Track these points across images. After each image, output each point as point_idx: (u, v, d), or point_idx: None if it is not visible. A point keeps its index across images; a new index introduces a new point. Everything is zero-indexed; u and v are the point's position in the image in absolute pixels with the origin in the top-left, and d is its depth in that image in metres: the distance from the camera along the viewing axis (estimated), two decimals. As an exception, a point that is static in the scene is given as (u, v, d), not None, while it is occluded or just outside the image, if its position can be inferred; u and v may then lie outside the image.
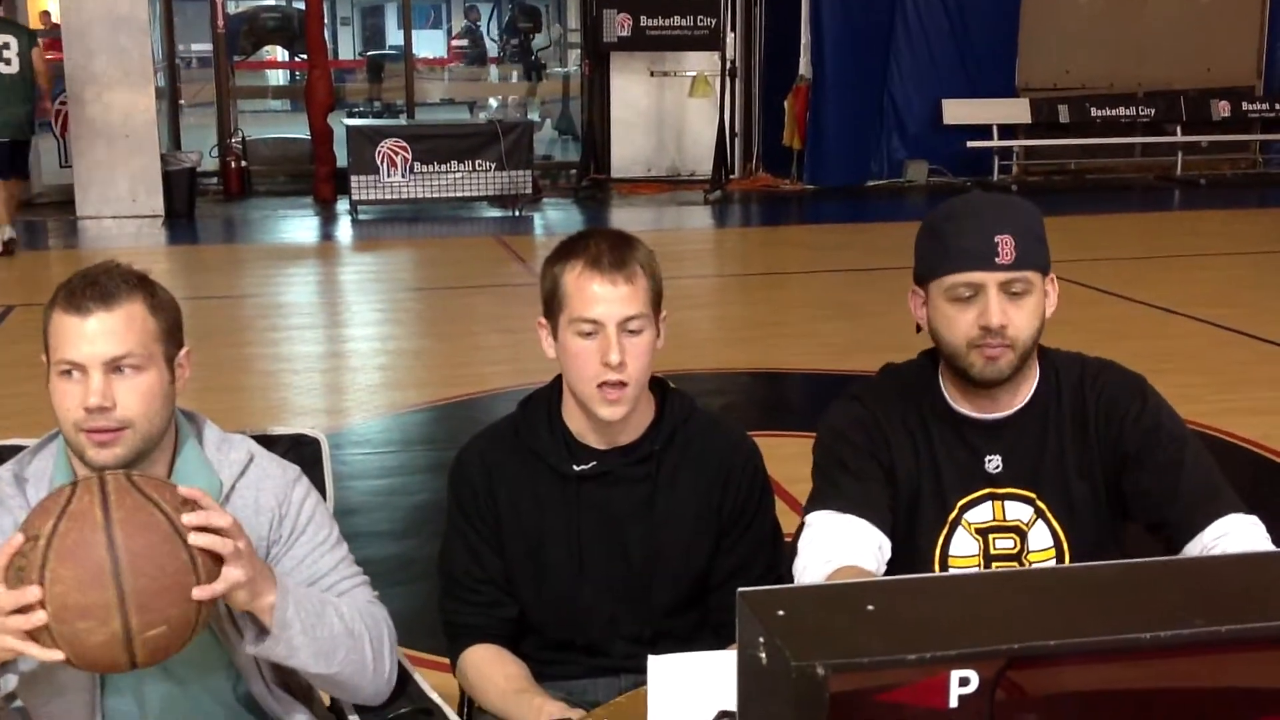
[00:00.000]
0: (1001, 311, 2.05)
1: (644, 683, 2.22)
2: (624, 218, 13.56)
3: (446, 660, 3.71)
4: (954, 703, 1.04)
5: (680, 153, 14.99)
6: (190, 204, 13.11)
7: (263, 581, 1.83)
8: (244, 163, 14.21)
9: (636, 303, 2.10)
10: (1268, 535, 2.06)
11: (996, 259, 2.04)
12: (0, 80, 10.34)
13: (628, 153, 14.81)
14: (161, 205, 12.86)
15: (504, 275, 10.21)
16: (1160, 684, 1.07)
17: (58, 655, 1.67)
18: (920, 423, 2.20)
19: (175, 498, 1.74)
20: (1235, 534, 2.02)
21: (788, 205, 14.34)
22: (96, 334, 1.91)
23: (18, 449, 2.15)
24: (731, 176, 14.53)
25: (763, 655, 1.09)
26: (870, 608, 1.11)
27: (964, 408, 2.18)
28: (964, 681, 1.03)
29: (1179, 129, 15.31)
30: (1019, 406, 2.17)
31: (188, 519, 1.70)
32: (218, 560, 1.74)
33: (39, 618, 1.65)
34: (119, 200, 12.88)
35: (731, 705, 1.74)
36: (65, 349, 1.91)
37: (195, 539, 1.70)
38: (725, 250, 12.23)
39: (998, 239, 2.05)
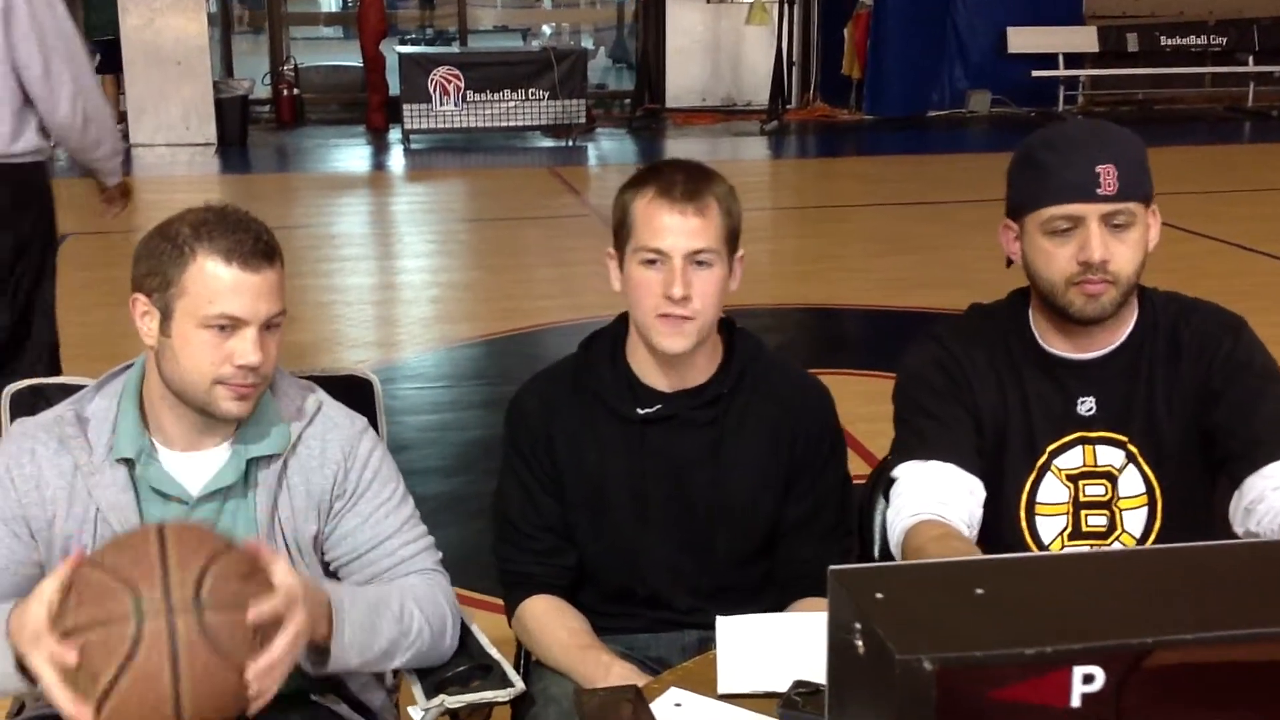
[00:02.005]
0: (1103, 245, 1.92)
1: (708, 639, 2.14)
2: (678, 148, 13.35)
3: (498, 601, 3.69)
4: (1076, 702, 0.93)
5: (736, 82, 14.75)
6: (243, 132, 13.04)
7: (319, 618, 1.75)
8: (296, 90, 14.11)
9: (707, 236, 1.99)
10: None
11: (1098, 190, 1.91)
12: None
13: (683, 82, 14.59)
14: (214, 133, 12.81)
15: (556, 207, 10.08)
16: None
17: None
18: (1008, 363, 2.07)
19: (242, 587, 1.61)
20: None
21: (846, 136, 14.08)
22: (262, 290, 1.83)
23: (70, 389, 2.07)
24: (788, 106, 14.28)
25: (859, 643, 0.98)
26: (979, 591, 1.00)
27: (1056, 347, 2.06)
28: (1088, 679, 0.93)
29: (1251, 59, 14.88)
30: (1114, 345, 2.05)
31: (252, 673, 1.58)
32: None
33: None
34: (172, 128, 12.84)
35: (804, 673, 1.65)
36: (225, 302, 1.81)
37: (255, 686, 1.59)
38: (781, 182, 12.02)
39: (1099, 169, 1.91)
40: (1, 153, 3.85)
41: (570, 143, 12.88)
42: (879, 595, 0.99)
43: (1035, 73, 14.14)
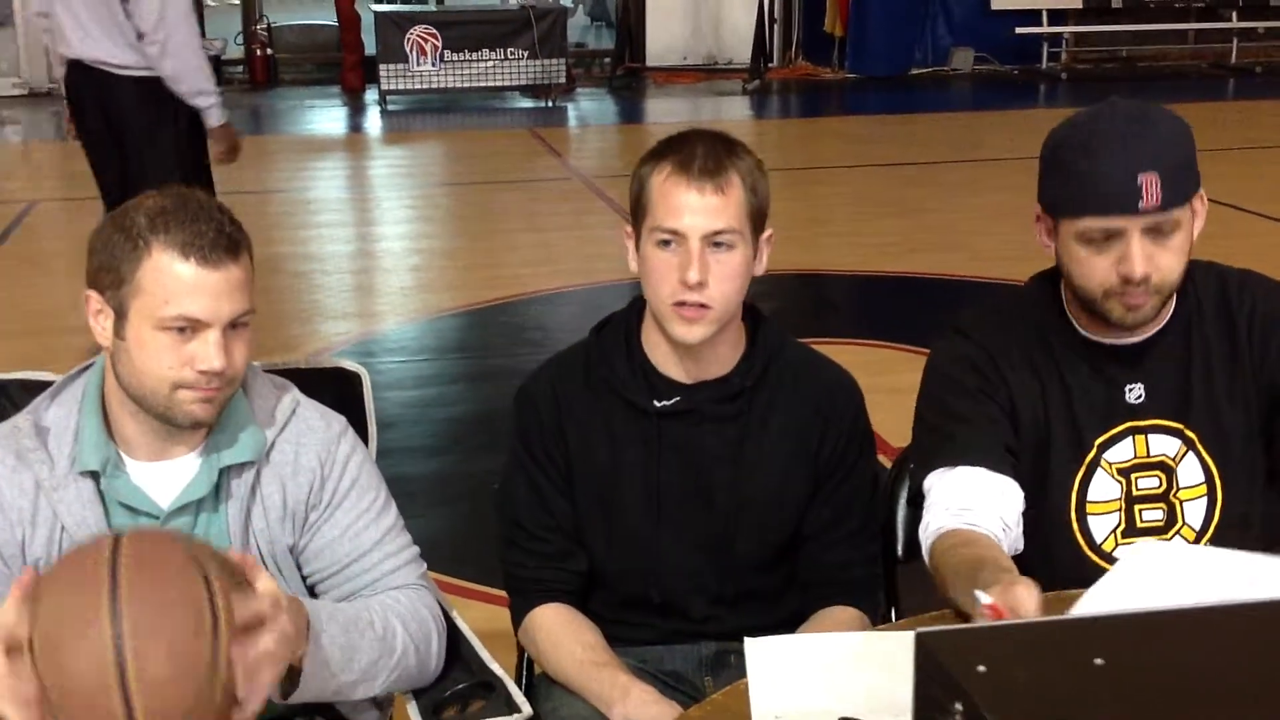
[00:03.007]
0: (1146, 259, 1.77)
1: (726, 651, 2.01)
2: (660, 108, 13.17)
3: (488, 590, 3.56)
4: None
5: (718, 40, 14.54)
6: (215, 93, 12.76)
7: (299, 634, 1.58)
8: (269, 50, 13.84)
9: (727, 216, 1.83)
10: None
11: (1140, 204, 1.74)
12: None
13: (664, 40, 14.39)
14: (186, 95, 12.52)
15: (537, 170, 9.89)
16: None
17: None
18: (1045, 353, 1.92)
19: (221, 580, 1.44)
20: None
21: (829, 95, 13.91)
22: (224, 289, 1.65)
23: (32, 385, 1.90)
24: (771, 65, 14.11)
25: (960, 727, 0.83)
26: (1099, 662, 0.85)
27: (1096, 333, 1.91)
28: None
29: (1234, 15, 14.77)
30: (1159, 327, 1.90)
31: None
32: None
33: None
34: (142, 89, 12.55)
35: (848, 705, 1.51)
36: (183, 303, 1.63)
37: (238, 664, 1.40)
38: (764, 142, 11.81)
39: (1142, 179, 1.74)
40: (117, 64, 4.69)
41: (550, 103, 12.68)
42: (981, 668, 0.84)
43: (1019, 29, 14.02)
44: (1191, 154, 1.82)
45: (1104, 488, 1.90)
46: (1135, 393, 1.90)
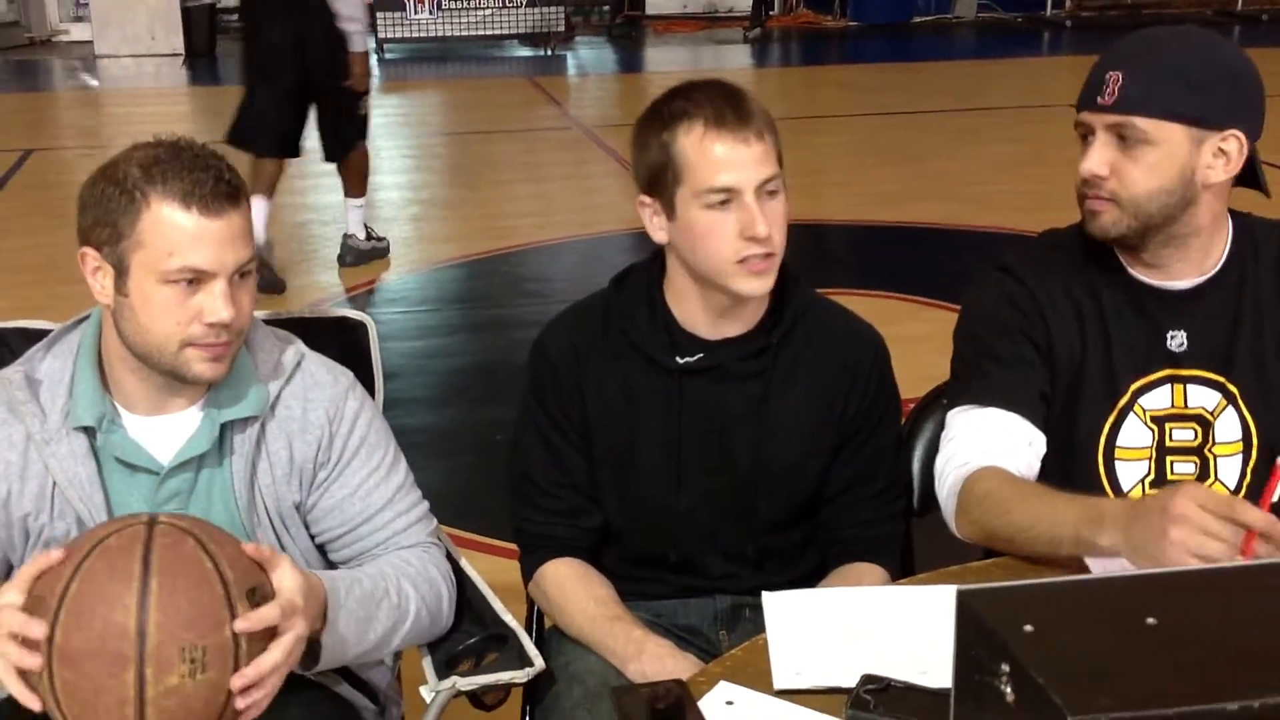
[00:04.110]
0: (1100, 160, 1.75)
1: (741, 605, 1.97)
2: (659, 57, 13.05)
3: (493, 542, 3.54)
4: (1286, 766, 0.75)
5: (718, -12, 14.40)
6: (211, 42, 12.68)
7: (314, 615, 1.56)
8: (264, -1, 13.69)
9: (770, 161, 1.78)
10: None
11: (1099, 99, 1.75)
12: None
13: (663, -13, 14.25)
14: (181, 43, 12.44)
15: (536, 119, 9.79)
16: None
17: (34, 703, 1.41)
18: (1089, 292, 1.87)
19: (230, 542, 1.46)
20: None
21: (830, 43, 13.79)
22: (228, 237, 1.59)
23: (32, 334, 1.85)
24: (771, 13, 13.99)
25: (1006, 690, 0.80)
26: (1152, 621, 0.81)
27: (1142, 274, 1.86)
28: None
29: (1241, -39, 14.64)
30: (1209, 275, 1.85)
31: (236, 683, 1.40)
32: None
33: (34, 661, 1.38)
34: (138, 38, 12.47)
35: (870, 662, 1.48)
36: (187, 254, 1.57)
37: (241, 701, 1.41)
38: (765, 91, 11.70)
39: (1108, 75, 1.74)
40: None
41: (549, 52, 12.57)
42: (1028, 627, 0.80)
43: (1023, -23, 13.87)
44: (1200, 78, 1.75)
45: (1135, 434, 1.85)
46: (1178, 340, 1.84)
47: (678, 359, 1.86)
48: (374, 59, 12.33)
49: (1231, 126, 1.77)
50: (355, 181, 6.13)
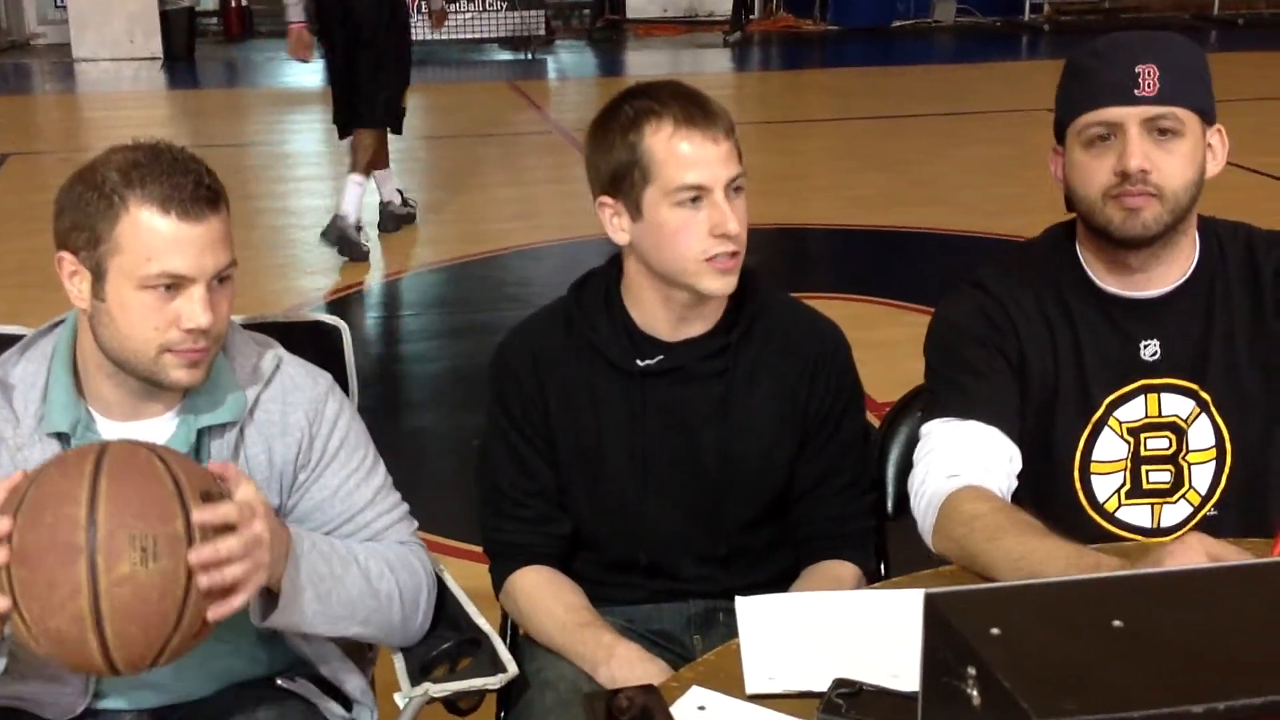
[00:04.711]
0: (1143, 154, 1.72)
1: (715, 609, 1.97)
2: (640, 61, 13.05)
3: (469, 547, 3.52)
4: (1252, 770, 0.75)
5: (699, -8, 14.42)
6: (190, 46, 12.65)
7: (279, 557, 1.56)
8: (244, 2, 13.66)
9: (735, 159, 1.79)
10: None
11: (1136, 91, 1.72)
12: None
13: (644, -9, 14.26)
14: (160, 47, 12.40)
15: (517, 123, 9.79)
16: None
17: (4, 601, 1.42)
18: (1059, 305, 1.86)
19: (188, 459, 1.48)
20: None
21: (810, 47, 13.81)
22: (207, 242, 1.58)
23: (6, 339, 1.84)
24: (751, 17, 14.00)
25: (973, 692, 0.79)
26: (1118, 624, 0.81)
27: (1112, 285, 1.85)
28: (1268, 741, 0.74)
29: (1217, -34, 14.73)
30: (1179, 282, 1.84)
31: (195, 557, 1.42)
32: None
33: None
34: (116, 42, 12.42)
35: (842, 666, 1.47)
36: (166, 259, 1.56)
37: (204, 581, 1.43)
38: (746, 95, 11.72)
39: (1140, 68, 1.72)
40: None
41: (529, 55, 12.56)
42: (995, 630, 0.80)
43: (1002, -20, 13.93)
44: (1202, 71, 1.79)
45: (1110, 448, 1.85)
46: (1150, 349, 1.84)
47: (638, 361, 1.86)
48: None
49: (1217, 121, 1.80)
50: (359, 157, 6.33)
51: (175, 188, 1.56)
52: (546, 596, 1.87)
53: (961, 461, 1.78)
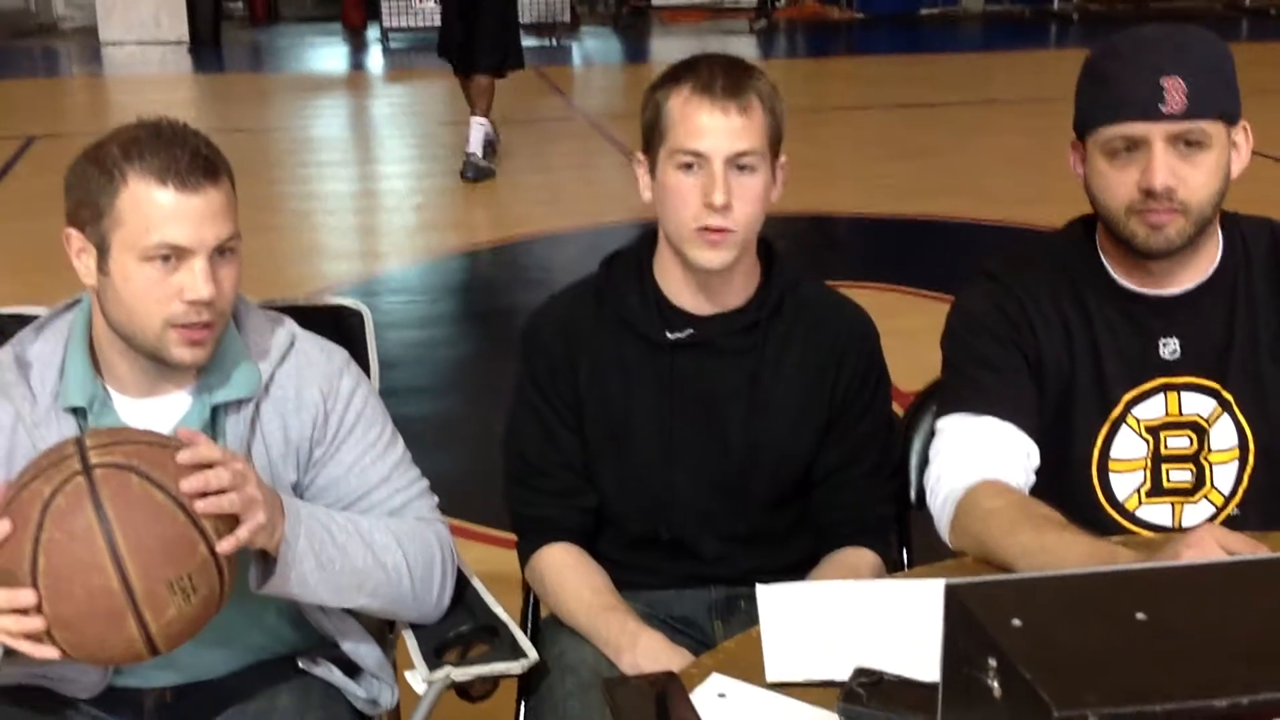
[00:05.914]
0: (1169, 170, 1.68)
1: (736, 596, 1.97)
2: (665, 48, 13.01)
3: (494, 532, 3.53)
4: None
5: (725, -22, 14.38)
6: (215, 29, 12.67)
7: (276, 515, 1.58)
8: (270, -14, 13.69)
9: (750, 137, 1.78)
10: None
11: (1162, 106, 1.67)
12: None
13: (670, -22, 14.22)
14: (186, 31, 12.43)
15: (542, 109, 9.78)
16: None
17: (53, 652, 1.46)
18: (1076, 302, 1.84)
19: (171, 462, 1.49)
20: None
21: (837, 35, 13.76)
22: (206, 213, 1.59)
23: (25, 319, 1.85)
24: (779, 4, 13.94)
25: (993, 684, 0.79)
26: (1141, 616, 0.80)
27: (1132, 282, 1.83)
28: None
29: (1250, -45, 14.59)
30: (1201, 280, 1.82)
31: (185, 485, 1.46)
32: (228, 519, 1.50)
33: (34, 624, 1.44)
34: (142, 25, 12.46)
35: (863, 655, 1.47)
36: (164, 230, 1.57)
37: (201, 505, 1.47)
38: (772, 83, 11.73)
39: (1165, 81, 1.67)
40: None
41: (554, 42, 12.55)
42: (1017, 621, 0.80)
43: (1031, -30, 13.84)
44: (1228, 72, 1.74)
45: (1129, 446, 1.82)
46: (1170, 348, 1.81)
47: (668, 334, 1.87)
48: (378, 48, 12.36)
49: (1242, 117, 1.76)
50: (477, 98, 7.20)
51: (172, 159, 1.58)
52: (573, 576, 1.88)
53: (978, 458, 1.77)
